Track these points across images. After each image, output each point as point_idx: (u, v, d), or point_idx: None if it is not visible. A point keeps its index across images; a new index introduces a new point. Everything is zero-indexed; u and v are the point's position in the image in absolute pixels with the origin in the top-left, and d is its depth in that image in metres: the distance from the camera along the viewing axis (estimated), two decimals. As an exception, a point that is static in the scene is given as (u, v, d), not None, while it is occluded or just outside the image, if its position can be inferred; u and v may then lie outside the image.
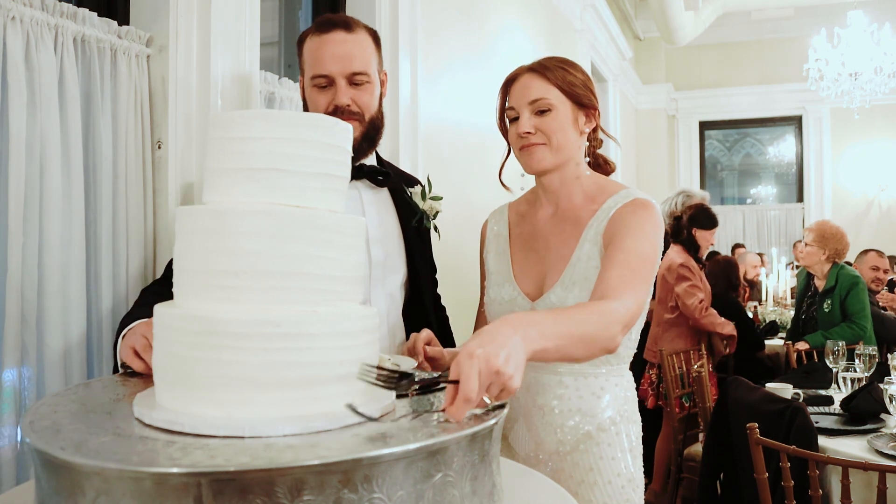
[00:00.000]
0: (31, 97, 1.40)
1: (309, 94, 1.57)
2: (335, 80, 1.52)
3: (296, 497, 0.71)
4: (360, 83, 1.54)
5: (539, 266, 1.48)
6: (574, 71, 1.47)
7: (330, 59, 1.52)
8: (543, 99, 1.43)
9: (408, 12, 2.61)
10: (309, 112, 1.57)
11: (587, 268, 1.40)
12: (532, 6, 4.25)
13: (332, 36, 1.53)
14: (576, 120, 1.46)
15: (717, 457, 2.68)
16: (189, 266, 0.90)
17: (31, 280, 1.39)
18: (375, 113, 1.59)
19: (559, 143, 1.43)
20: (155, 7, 1.69)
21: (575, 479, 1.42)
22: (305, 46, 1.58)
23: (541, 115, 1.43)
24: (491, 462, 0.91)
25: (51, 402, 0.95)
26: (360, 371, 0.89)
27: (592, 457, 1.42)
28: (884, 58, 6.33)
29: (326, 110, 1.52)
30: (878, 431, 2.40)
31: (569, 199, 1.49)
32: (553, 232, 1.48)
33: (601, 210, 1.44)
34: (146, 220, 1.66)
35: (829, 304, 3.86)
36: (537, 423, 1.44)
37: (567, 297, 1.39)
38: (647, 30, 8.14)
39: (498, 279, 1.52)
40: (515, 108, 1.46)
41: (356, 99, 1.54)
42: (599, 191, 1.48)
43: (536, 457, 1.45)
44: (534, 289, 1.47)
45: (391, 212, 1.67)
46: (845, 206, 8.46)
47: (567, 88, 1.44)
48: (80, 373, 1.48)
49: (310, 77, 1.55)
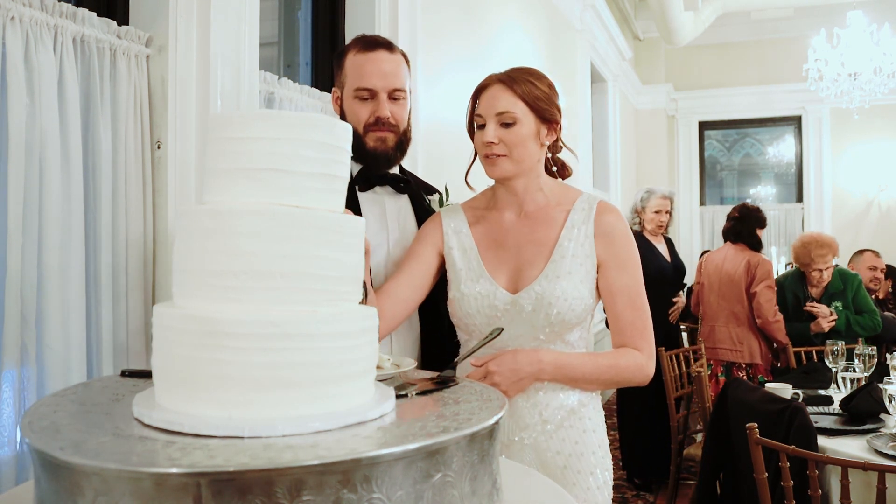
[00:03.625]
0: (31, 97, 1.40)
1: (349, 104, 1.69)
2: (378, 93, 1.66)
3: (295, 497, 0.71)
4: (398, 98, 1.69)
5: (513, 262, 1.57)
6: (540, 84, 1.55)
7: (375, 75, 1.65)
8: (509, 112, 1.52)
9: (407, 12, 2.61)
10: (347, 121, 1.63)
11: (572, 264, 1.53)
12: (532, 6, 4.26)
13: (377, 55, 1.67)
14: (538, 133, 1.55)
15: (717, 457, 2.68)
16: (189, 266, 0.90)
17: (30, 280, 1.39)
18: (407, 125, 1.73)
19: (520, 155, 1.53)
20: (154, 7, 1.69)
21: (563, 453, 1.53)
22: (348, 61, 1.70)
23: (505, 127, 1.52)
24: (491, 462, 0.91)
25: (50, 402, 0.95)
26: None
27: (576, 431, 1.54)
28: (883, 58, 6.32)
29: (368, 121, 1.66)
30: (878, 431, 2.40)
31: (534, 202, 1.60)
32: (523, 231, 1.59)
33: (575, 211, 1.58)
34: (146, 220, 1.66)
35: (837, 305, 3.88)
36: (520, 406, 1.52)
37: (553, 288, 1.50)
38: (647, 30, 8.14)
39: (469, 275, 1.57)
40: (483, 117, 1.55)
41: (394, 112, 1.67)
42: (562, 193, 1.62)
43: (521, 441, 1.53)
44: (509, 283, 1.55)
45: (411, 217, 1.77)
46: (845, 207, 8.46)
47: (532, 103, 1.53)
48: (80, 373, 1.47)
49: (353, 89, 1.67)
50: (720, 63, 8.83)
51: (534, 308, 1.50)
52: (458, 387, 1.11)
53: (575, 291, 1.50)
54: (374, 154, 1.67)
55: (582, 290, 1.51)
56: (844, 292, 3.89)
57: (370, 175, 1.69)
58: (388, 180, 1.72)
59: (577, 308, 1.51)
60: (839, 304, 3.89)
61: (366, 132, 1.66)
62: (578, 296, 1.51)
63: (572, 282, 1.51)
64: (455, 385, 1.12)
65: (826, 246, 3.84)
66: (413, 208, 1.78)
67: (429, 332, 1.74)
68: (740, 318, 3.97)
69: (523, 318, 1.51)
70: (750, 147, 9.56)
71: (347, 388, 0.89)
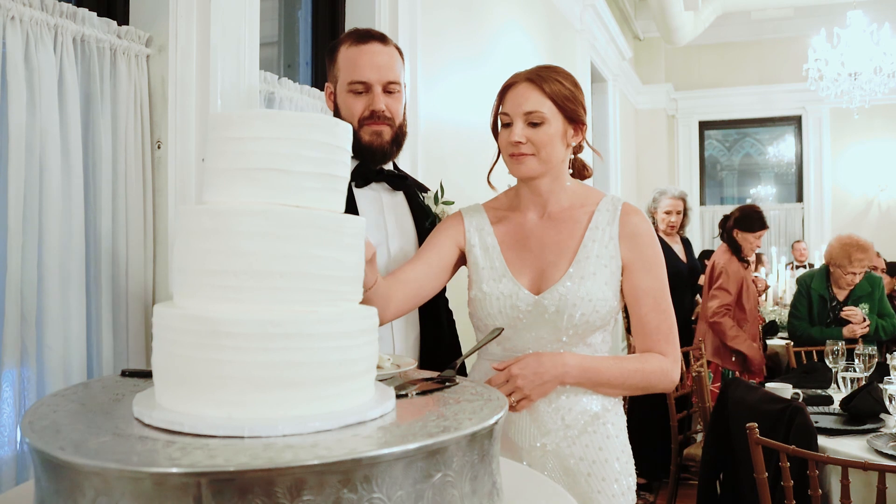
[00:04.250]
0: (31, 97, 1.40)
1: (343, 98, 1.66)
2: (372, 86, 1.63)
3: (295, 497, 0.71)
4: (392, 91, 1.66)
5: (536, 263, 1.54)
6: (567, 83, 1.53)
7: (369, 68, 1.62)
8: (537, 112, 1.49)
9: (407, 11, 2.61)
10: (340, 116, 1.64)
11: (596, 265, 1.51)
12: (532, 6, 4.25)
13: (370, 47, 1.64)
14: (565, 133, 1.53)
15: (717, 457, 2.68)
16: (189, 266, 0.90)
17: (30, 280, 1.39)
18: (402, 120, 1.70)
19: (547, 155, 1.51)
20: (154, 7, 1.69)
21: (587, 460, 1.49)
22: (341, 55, 1.67)
23: (533, 127, 1.50)
24: (491, 462, 0.91)
25: (50, 402, 0.95)
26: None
27: (600, 437, 1.50)
28: (883, 58, 6.32)
29: (362, 114, 1.63)
30: (878, 431, 2.40)
31: (557, 203, 1.58)
32: (547, 232, 1.57)
33: (599, 213, 1.56)
34: (146, 219, 1.66)
35: (864, 307, 3.86)
36: (542, 412, 1.49)
37: (577, 289, 1.48)
38: (647, 30, 8.14)
39: (492, 274, 1.55)
40: (509, 115, 1.52)
41: (389, 105, 1.65)
42: (585, 194, 1.60)
43: (543, 447, 1.50)
44: (532, 283, 1.53)
45: (407, 214, 1.76)
46: (845, 207, 8.46)
47: (560, 102, 1.50)
48: (80, 373, 1.47)
49: (346, 83, 1.64)
50: (720, 63, 8.83)
51: (557, 309, 1.47)
52: (458, 387, 1.11)
53: (599, 293, 1.48)
54: (369, 149, 1.64)
55: (606, 291, 1.49)
56: (872, 295, 3.85)
57: (367, 171, 1.68)
58: (384, 177, 1.71)
59: (601, 310, 1.49)
60: (866, 307, 3.85)
61: (360, 126, 1.63)
62: (602, 297, 1.49)
63: (596, 283, 1.49)
64: (455, 385, 1.12)
65: (866, 251, 3.77)
66: (409, 205, 1.77)
67: (429, 331, 1.73)
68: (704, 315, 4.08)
69: (546, 319, 1.49)
70: (750, 147, 9.56)
71: (347, 388, 0.89)
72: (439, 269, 1.58)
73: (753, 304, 4.08)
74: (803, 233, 8.72)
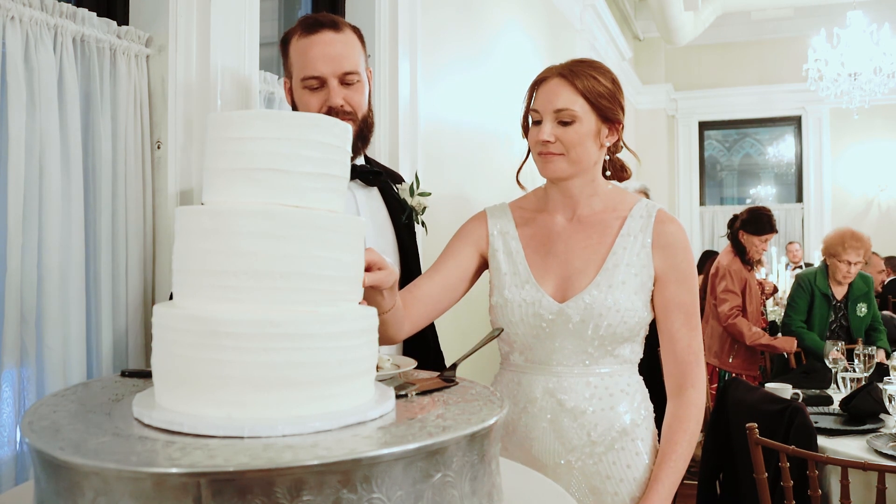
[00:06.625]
0: (31, 97, 1.40)
1: (299, 95, 1.56)
2: (327, 80, 1.51)
3: (295, 497, 0.71)
4: (351, 83, 1.53)
5: (561, 269, 1.46)
6: (604, 80, 1.44)
7: (321, 60, 1.50)
8: (568, 110, 1.40)
9: (407, 11, 2.60)
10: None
11: (626, 274, 1.43)
12: (532, 6, 4.25)
13: (320, 37, 1.51)
14: (598, 133, 1.44)
15: (717, 457, 2.68)
16: (188, 266, 0.90)
17: (30, 280, 1.39)
18: (367, 111, 1.58)
19: (577, 156, 1.42)
20: (154, 7, 1.68)
21: (614, 478, 1.43)
22: (292, 48, 1.56)
23: (563, 126, 1.41)
24: (490, 462, 0.91)
25: (50, 402, 0.95)
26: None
27: (628, 454, 1.44)
28: (883, 58, 6.33)
29: (319, 112, 1.50)
30: (878, 431, 2.40)
31: (588, 206, 1.49)
32: (575, 237, 1.48)
33: (632, 219, 1.47)
34: (146, 220, 1.66)
35: (863, 308, 3.84)
36: (566, 427, 1.43)
37: (604, 298, 1.40)
38: (647, 30, 8.14)
39: (514, 280, 1.47)
40: (539, 112, 1.44)
41: (348, 99, 1.53)
42: (618, 198, 1.51)
43: (568, 465, 1.43)
44: (556, 291, 1.45)
45: (383, 210, 1.68)
46: (845, 207, 8.46)
47: (594, 100, 1.42)
48: (79, 373, 1.47)
49: (300, 79, 1.53)
50: (720, 63, 8.84)
51: (582, 318, 1.40)
52: (458, 387, 1.11)
53: (628, 303, 1.40)
54: None
55: (636, 301, 1.41)
56: (868, 294, 3.84)
57: None
58: (356, 173, 1.61)
59: (629, 321, 1.41)
60: (864, 307, 3.84)
61: None
62: (632, 307, 1.41)
63: (625, 292, 1.41)
64: (455, 385, 1.11)
65: (860, 240, 3.74)
66: (383, 199, 1.69)
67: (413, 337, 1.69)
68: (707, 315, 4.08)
69: (570, 329, 1.41)
70: (750, 147, 9.56)
71: (347, 388, 0.89)
72: (458, 281, 1.51)
73: (756, 305, 4.05)
74: (803, 233, 8.73)
